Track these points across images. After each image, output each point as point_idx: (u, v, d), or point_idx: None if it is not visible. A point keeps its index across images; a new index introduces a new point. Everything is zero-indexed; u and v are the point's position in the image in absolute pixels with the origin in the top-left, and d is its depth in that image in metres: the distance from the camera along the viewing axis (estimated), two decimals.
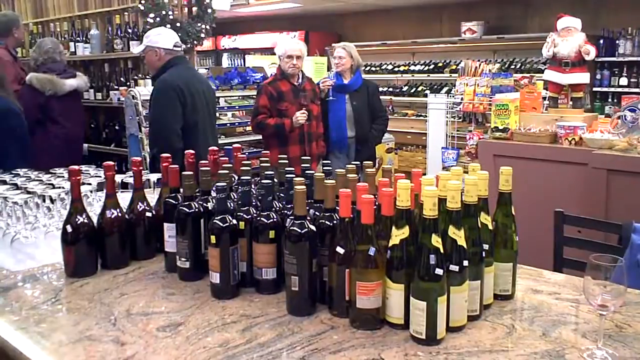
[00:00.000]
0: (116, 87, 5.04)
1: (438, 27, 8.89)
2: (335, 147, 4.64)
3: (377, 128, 4.71)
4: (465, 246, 1.42)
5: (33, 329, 1.47)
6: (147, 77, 4.87)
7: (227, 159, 1.99)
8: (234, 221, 1.64)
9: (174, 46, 3.66)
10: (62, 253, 1.82)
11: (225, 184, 1.66)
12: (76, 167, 1.80)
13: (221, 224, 1.61)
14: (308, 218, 1.54)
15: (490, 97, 4.24)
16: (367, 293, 1.43)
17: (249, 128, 5.53)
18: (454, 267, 1.41)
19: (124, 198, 2.05)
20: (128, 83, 4.99)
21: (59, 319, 1.53)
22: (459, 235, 1.42)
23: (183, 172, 1.77)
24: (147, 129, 4.11)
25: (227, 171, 1.78)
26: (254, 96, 5.32)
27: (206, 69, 6.61)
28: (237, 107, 5.27)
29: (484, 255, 1.52)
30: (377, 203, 1.50)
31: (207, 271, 1.71)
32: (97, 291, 1.70)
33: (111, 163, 1.86)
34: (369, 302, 1.43)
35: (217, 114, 5.21)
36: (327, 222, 1.56)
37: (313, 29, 10.23)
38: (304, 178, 1.66)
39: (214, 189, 1.77)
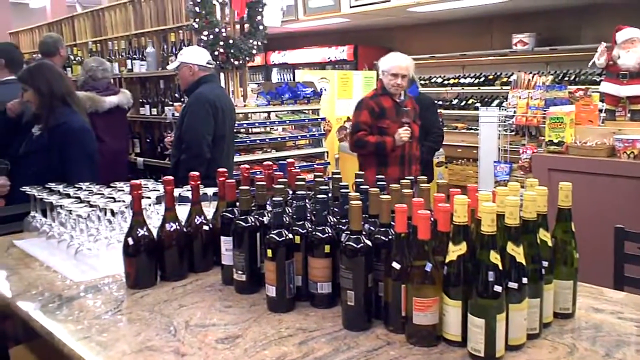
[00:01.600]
0: (170, 103, 5.16)
1: (488, 39, 8.79)
2: None
3: (427, 144, 4.62)
4: (524, 263, 1.40)
5: (96, 338, 1.51)
6: None
7: (281, 173, 2.02)
8: (290, 235, 1.66)
9: (207, 63, 3.92)
10: (123, 265, 1.88)
11: (281, 198, 1.68)
12: (137, 181, 1.86)
13: (277, 238, 1.63)
14: (363, 233, 1.54)
15: (545, 110, 4.15)
16: (424, 309, 1.42)
17: (299, 142, 5.60)
18: (512, 285, 1.38)
19: (180, 211, 2.10)
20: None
21: (120, 329, 1.57)
22: (517, 252, 1.40)
23: (240, 187, 1.80)
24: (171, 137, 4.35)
25: (282, 186, 1.81)
26: (304, 110, 5.40)
27: (257, 84, 6.73)
28: (287, 122, 5.33)
29: (543, 272, 1.49)
30: (432, 218, 1.50)
31: (263, 284, 1.73)
32: (157, 302, 1.74)
33: (170, 178, 1.91)
34: (425, 319, 1.42)
35: (268, 129, 5.31)
36: (382, 237, 1.56)
37: (362, 42, 10.26)
38: (359, 193, 1.67)
39: (268, 202, 1.80)
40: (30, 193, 2.40)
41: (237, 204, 1.83)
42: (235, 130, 4.89)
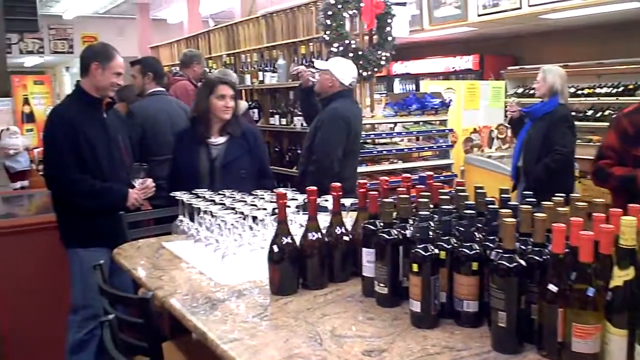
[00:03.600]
0: (299, 113, 5.29)
1: (627, 46, 8.21)
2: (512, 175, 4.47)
3: (544, 164, 4.24)
4: None
5: (247, 342, 1.57)
6: None
7: (423, 186, 2.00)
8: (436, 250, 1.63)
9: (349, 84, 3.92)
10: (268, 271, 1.94)
11: (427, 212, 1.66)
12: (283, 190, 1.91)
13: (423, 253, 1.61)
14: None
15: None
16: (585, 336, 1.33)
17: (424, 153, 5.53)
18: None
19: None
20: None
21: (268, 334, 1.62)
22: None
23: (383, 200, 1.80)
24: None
25: (427, 199, 1.78)
26: (432, 121, 5.32)
27: (381, 94, 6.75)
28: (414, 133, 5.28)
29: None
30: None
31: (405, 298, 1.72)
32: (301, 310, 1.78)
33: (314, 188, 1.95)
34: (586, 346, 1.34)
35: (394, 139, 5.30)
36: (536, 257, 1.49)
37: (488, 52, 9.98)
38: (509, 209, 1.61)
39: (411, 216, 1.79)
40: (179, 198, 2.55)
41: (380, 216, 1.84)
42: (361, 141, 4.94)
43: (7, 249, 3.34)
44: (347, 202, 2.28)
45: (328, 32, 4.86)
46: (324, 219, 2.06)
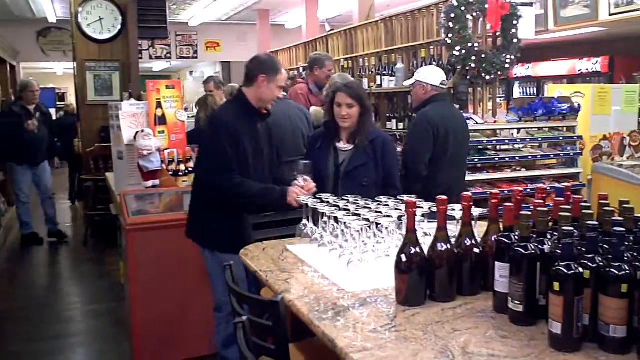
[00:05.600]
0: None
1: None
2: None
3: None
4: None
5: (376, 352, 1.54)
6: None
7: (562, 199, 1.88)
8: (580, 269, 1.52)
9: (441, 84, 3.93)
10: (395, 280, 1.90)
11: (571, 228, 1.55)
12: (413, 199, 1.87)
13: (566, 271, 1.51)
14: None
15: None
16: None
17: (549, 161, 5.25)
18: None
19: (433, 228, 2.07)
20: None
21: (398, 346, 1.58)
22: None
23: (521, 212, 1.71)
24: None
25: (568, 214, 1.67)
26: (559, 128, 5.05)
27: (499, 98, 6.50)
28: (539, 139, 5.03)
29: None
30: None
31: (542, 317, 1.63)
32: (429, 323, 1.73)
33: (444, 197, 1.89)
34: None
35: (518, 146, 5.07)
36: None
37: (618, 53, 9.33)
38: None
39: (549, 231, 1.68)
40: (304, 202, 2.58)
41: (515, 228, 1.75)
42: (480, 147, 4.78)
43: (139, 244, 3.55)
44: (456, 214, 2.17)
45: (450, 35, 4.75)
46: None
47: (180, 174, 4.41)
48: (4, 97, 9.43)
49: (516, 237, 1.75)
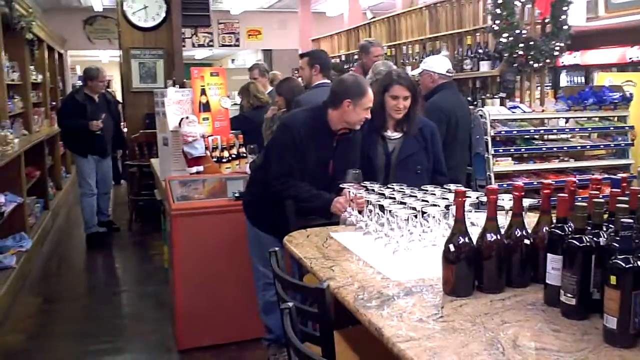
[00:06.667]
0: None
1: None
2: None
3: None
4: None
5: (424, 343, 1.52)
6: (495, 96, 4.85)
7: (618, 190, 1.81)
8: (638, 263, 1.47)
9: (447, 72, 4.15)
10: (442, 270, 1.88)
11: (631, 220, 1.50)
12: (463, 188, 1.84)
13: (624, 265, 1.45)
14: None
15: None
16: None
17: (598, 152, 5.10)
18: None
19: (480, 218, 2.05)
20: (475, 102, 5.04)
21: (446, 336, 1.56)
22: None
23: (576, 203, 1.66)
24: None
25: (626, 205, 1.61)
26: (609, 117, 4.89)
27: (546, 87, 6.33)
28: (588, 129, 4.88)
29: None
30: None
31: (595, 311, 1.59)
32: (478, 314, 1.69)
33: (495, 187, 1.85)
34: None
35: (566, 136, 4.95)
36: None
37: None
38: None
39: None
40: (348, 190, 2.57)
41: (570, 220, 1.70)
42: (527, 137, 4.67)
43: (183, 229, 3.60)
44: (505, 204, 2.11)
45: (497, 22, 4.65)
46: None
47: (224, 160, 4.43)
48: (52, 84, 9.67)
49: (570, 229, 1.70)
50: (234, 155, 4.51)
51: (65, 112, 6.42)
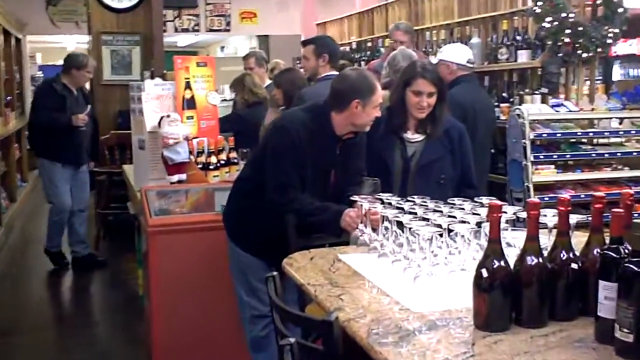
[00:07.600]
0: (496, 103, 5.13)
1: None
2: None
3: None
4: None
5: None
6: (536, 92, 4.86)
7: None
8: None
9: (467, 62, 4.31)
10: (473, 300, 1.88)
11: None
12: (498, 202, 1.85)
13: None
14: None
15: None
16: None
17: None
18: None
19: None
20: (511, 99, 5.04)
21: None
22: None
23: (634, 220, 1.66)
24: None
25: None
26: None
27: (599, 80, 6.34)
28: None
29: None
30: None
31: None
32: (516, 353, 1.70)
33: (537, 201, 1.86)
34: None
35: (620, 140, 4.96)
36: None
37: None
38: None
39: None
40: (360, 203, 2.58)
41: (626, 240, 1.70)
42: (573, 140, 4.68)
43: (162, 249, 3.60)
44: (549, 221, 2.11)
45: (540, 4, 4.66)
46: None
47: (211, 167, 4.45)
48: (8, 75, 9.71)
49: (627, 251, 1.70)
50: (223, 162, 4.52)
51: (43, 104, 6.02)
